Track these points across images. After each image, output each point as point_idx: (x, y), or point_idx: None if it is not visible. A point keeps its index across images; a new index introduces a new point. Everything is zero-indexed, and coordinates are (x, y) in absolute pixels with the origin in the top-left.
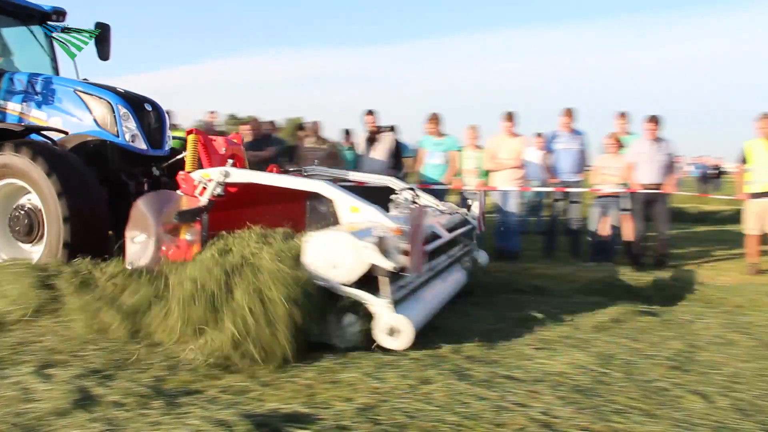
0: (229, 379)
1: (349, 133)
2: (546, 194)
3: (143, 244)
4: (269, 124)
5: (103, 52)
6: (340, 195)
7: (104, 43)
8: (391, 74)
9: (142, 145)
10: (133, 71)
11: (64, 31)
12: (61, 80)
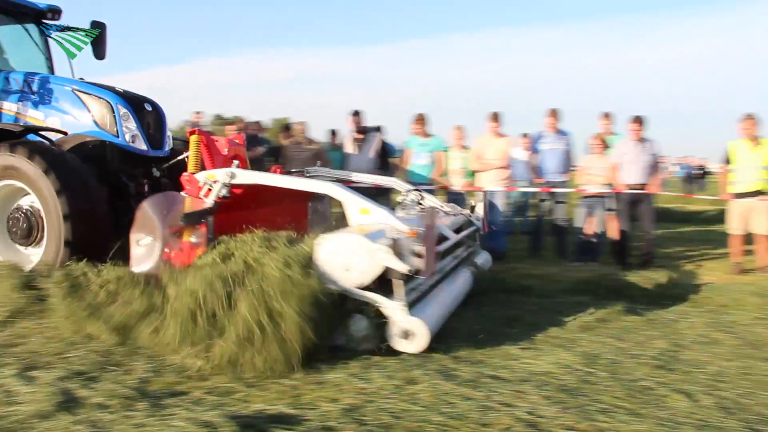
0: (215, 380)
1: (335, 134)
2: (532, 194)
3: (149, 247)
4: (255, 124)
5: (99, 51)
6: (350, 196)
7: (100, 43)
8: (377, 75)
9: (142, 145)
10: (116, 71)
11: (63, 30)
12: (59, 79)
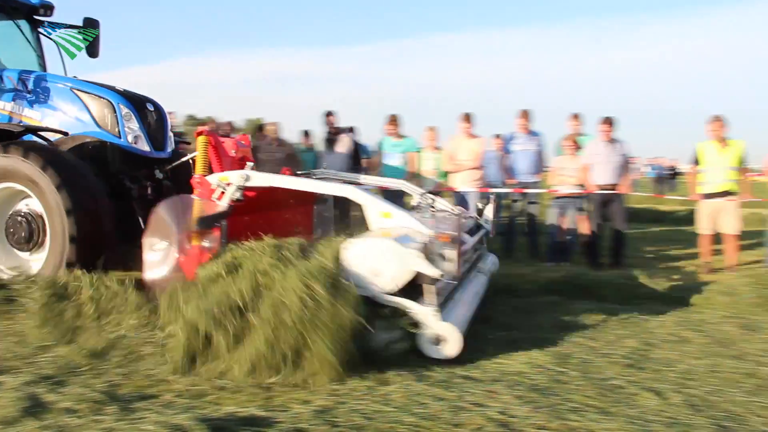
0: (186, 383)
1: (308, 134)
2: (504, 195)
3: (164, 253)
4: (227, 124)
5: (93, 49)
6: (371, 200)
7: (94, 40)
8: (350, 75)
9: (145, 146)
10: (84, 71)
11: (56, 26)
12: (56, 78)
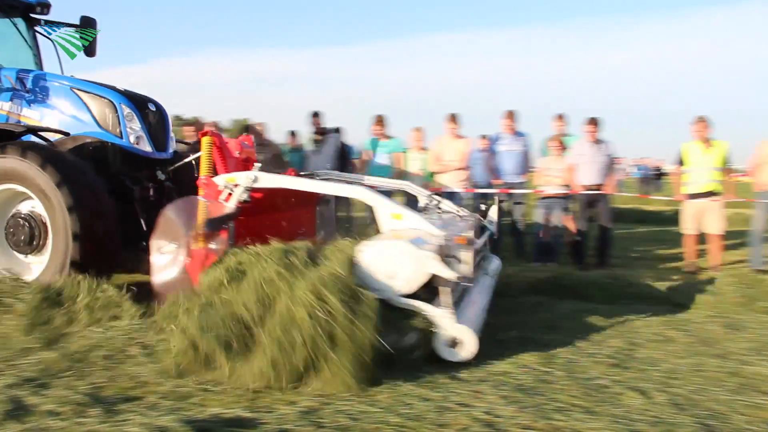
0: (171, 384)
1: (295, 135)
2: (490, 195)
3: (172, 255)
4: (213, 125)
5: (90, 49)
6: (382, 201)
7: (91, 39)
8: (336, 76)
9: (147, 147)
10: (71, 70)
11: (52, 25)
12: (56, 77)
